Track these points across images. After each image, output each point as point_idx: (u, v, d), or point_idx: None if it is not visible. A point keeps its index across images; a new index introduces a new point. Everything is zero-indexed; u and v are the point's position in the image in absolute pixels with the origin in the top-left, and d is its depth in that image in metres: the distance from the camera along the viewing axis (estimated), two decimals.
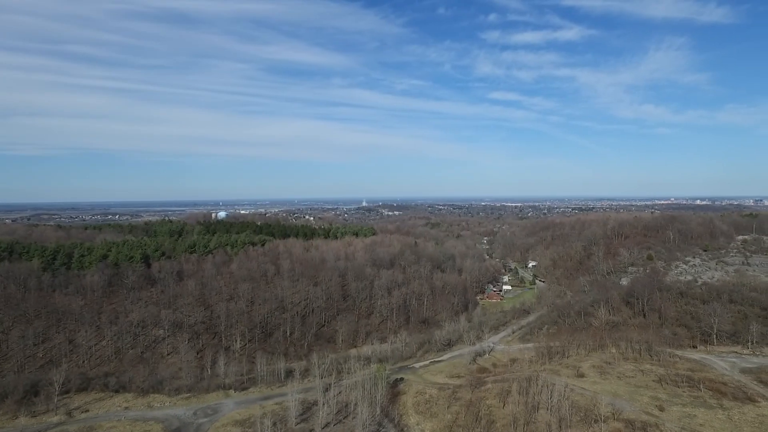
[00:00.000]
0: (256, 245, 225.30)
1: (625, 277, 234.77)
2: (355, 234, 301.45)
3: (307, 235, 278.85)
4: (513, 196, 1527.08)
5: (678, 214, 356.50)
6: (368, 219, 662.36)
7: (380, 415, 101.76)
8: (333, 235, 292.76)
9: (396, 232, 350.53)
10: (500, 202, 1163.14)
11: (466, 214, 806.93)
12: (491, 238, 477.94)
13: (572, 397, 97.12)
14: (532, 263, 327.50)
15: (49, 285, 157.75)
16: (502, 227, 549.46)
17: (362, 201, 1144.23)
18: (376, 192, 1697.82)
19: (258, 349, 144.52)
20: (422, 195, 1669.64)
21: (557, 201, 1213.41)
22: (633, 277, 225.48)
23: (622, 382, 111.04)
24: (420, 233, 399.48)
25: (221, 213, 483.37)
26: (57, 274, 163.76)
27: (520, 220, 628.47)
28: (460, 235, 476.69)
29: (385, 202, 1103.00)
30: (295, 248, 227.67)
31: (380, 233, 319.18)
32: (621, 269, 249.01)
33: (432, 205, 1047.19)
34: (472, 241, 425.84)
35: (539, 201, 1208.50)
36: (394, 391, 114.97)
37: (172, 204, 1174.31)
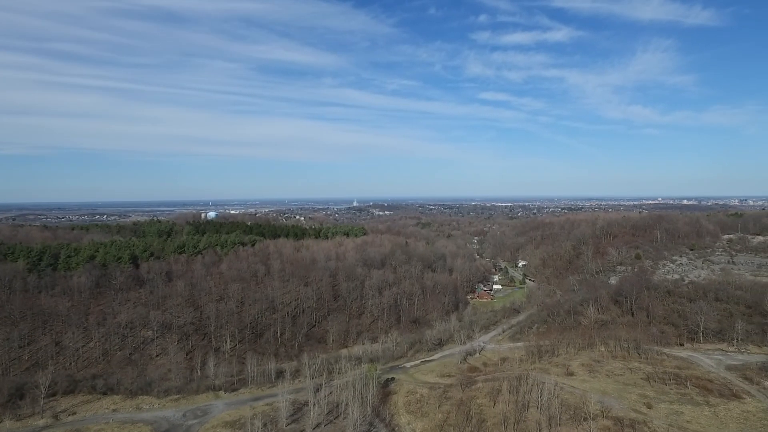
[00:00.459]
0: (246, 245, 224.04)
1: (614, 276, 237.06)
2: (346, 234, 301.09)
3: (298, 235, 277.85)
4: (503, 196, 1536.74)
5: (665, 214, 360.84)
6: (359, 219, 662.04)
7: (371, 415, 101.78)
8: (324, 235, 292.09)
9: (387, 232, 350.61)
10: (490, 202, 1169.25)
11: (456, 214, 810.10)
12: (482, 238, 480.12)
13: (562, 396, 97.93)
14: (522, 263, 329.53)
15: (35, 286, 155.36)
16: (492, 227, 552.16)
17: (353, 201, 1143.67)
18: (366, 192, 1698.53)
19: (248, 350, 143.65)
20: (413, 195, 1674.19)
21: (547, 201, 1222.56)
22: (621, 276, 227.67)
23: (610, 380, 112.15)
24: (411, 233, 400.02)
25: (211, 213, 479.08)
26: (43, 275, 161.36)
27: (510, 220, 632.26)
28: (450, 234, 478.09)
29: (376, 202, 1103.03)
30: (286, 248, 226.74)
31: (371, 233, 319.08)
32: (610, 268, 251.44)
33: (423, 205, 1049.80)
34: (462, 241, 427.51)
35: (529, 201, 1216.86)
36: (385, 391, 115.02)
37: (161, 204, 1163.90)
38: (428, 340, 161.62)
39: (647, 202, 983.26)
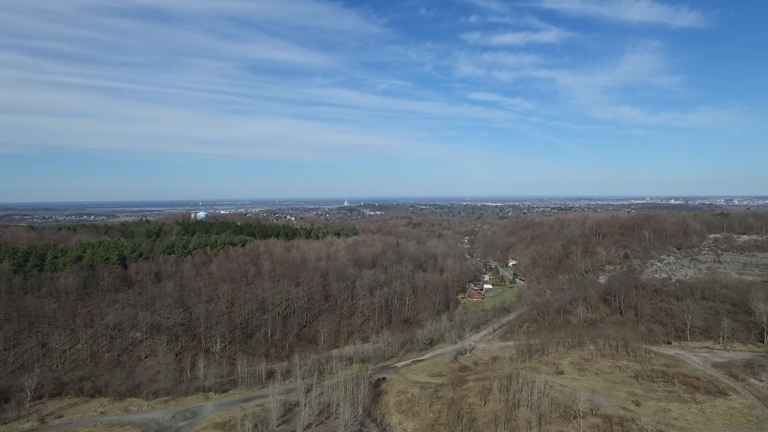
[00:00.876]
0: (237, 246, 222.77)
1: (603, 275, 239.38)
2: (337, 234, 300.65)
3: (289, 235, 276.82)
4: (493, 195, 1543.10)
5: (653, 214, 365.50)
6: (350, 219, 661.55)
7: (362, 415, 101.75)
8: (314, 235, 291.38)
9: (378, 232, 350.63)
10: (481, 202, 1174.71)
11: (447, 214, 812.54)
12: (472, 238, 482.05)
13: (551, 394, 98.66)
14: (512, 262, 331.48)
15: (21, 288, 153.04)
16: (483, 227, 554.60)
17: (344, 201, 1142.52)
18: (357, 192, 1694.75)
19: (238, 351, 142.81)
20: (404, 195, 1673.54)
21: (537, 201, 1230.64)
22: (610, 275, 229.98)
23: (599, 378, 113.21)
24: (402, 233, 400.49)
25: (200, 213, 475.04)
26: (29, 277, 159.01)
27: (500, 220, 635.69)
28: (441, 234, 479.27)
29: (367, 201, 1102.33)
30: (276, 248, 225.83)
31: (362, 233, 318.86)
32: (599, 267, 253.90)
33: (413, 204, 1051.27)
34: (453, 241, 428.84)
35: (519, 201, 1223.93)
36: (376, 390, 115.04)
37: (150, 204, 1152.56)
38: (419, 339, 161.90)
39: (635, 201, 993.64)
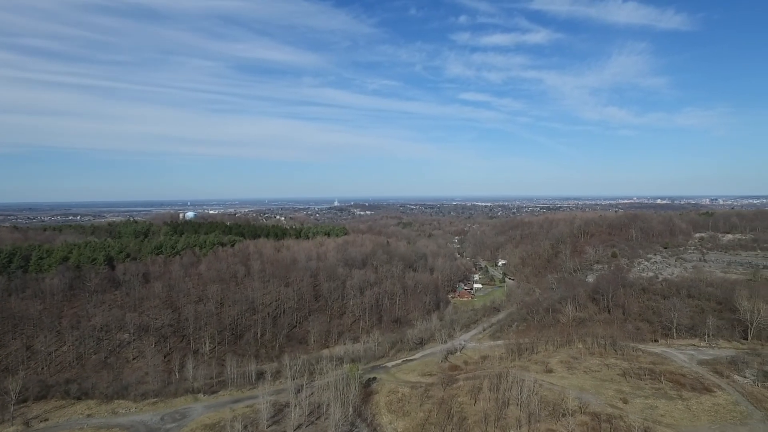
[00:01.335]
0: (226, 246, 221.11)
1: (591, 274, 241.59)
2: (327, 234, 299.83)
3: (278, 235, 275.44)
4: (483, 195, 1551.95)
5: (640, 213, 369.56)
6: (340, 219, 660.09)
7: (353, 415, 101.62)
8: (304, 235, 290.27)
9: (368, 232, 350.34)
10: (471, 202, 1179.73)
11: (437, 214, 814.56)
12: (462, 237, 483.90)
13: (541, 392, 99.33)
14: (502, 262, 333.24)
15: (5, 289, 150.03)
16: (472, 226, 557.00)
17: (334, 201, 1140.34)
18: (347, 192, 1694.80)
19: (228, 352, 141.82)
20: (394, 195, 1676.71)
21: (526, 200, 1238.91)
22: (598, 274, 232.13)
23: (588, 376, 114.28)
24: (392, 233, 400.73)
25: (189, 213, 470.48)
26: (13, 278, 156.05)
27: (490, 220, 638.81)
28: (431, 234, 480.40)
29: (357, 201, 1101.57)
30: (266, 249, 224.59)
31: (352, 233, 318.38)
32: (587, 267, 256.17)
33: (404, 204, 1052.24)
34: (443, 241, 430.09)
35: (509, 200, 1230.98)
36: (366, 390, 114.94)
37: (138, 204, 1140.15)
38: (409, 339, 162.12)
39: (623, 201, 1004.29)
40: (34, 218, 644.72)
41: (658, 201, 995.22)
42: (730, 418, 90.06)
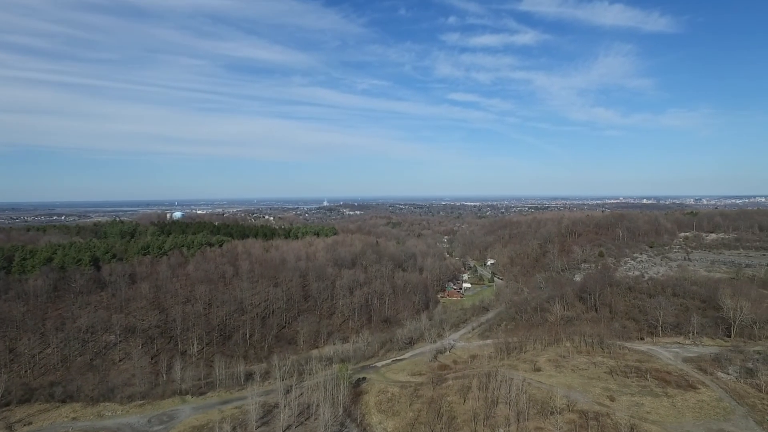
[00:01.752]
0: (214, 246, 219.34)
1: (579, 273, 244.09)
2: (316, 234, 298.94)
3: (267, 235, 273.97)
4: (472, 195, 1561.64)
5: (626, 213, 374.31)
6: (329, 219, 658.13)
7: (343, 415, 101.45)
8: (293, 235, 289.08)
9: (357, 232, 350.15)
10: (460, 202, 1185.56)
11: (426, 214, 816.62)
12: (451, 237, 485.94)
13: (529, 391, 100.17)
14: (490, 261, 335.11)
15: None
16: (461, 226, 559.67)
17: (323, 201, 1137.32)
18: (337, 192, 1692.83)
19: (216, 353, 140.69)
20: (383, 195, 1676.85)
21: (514, 200, 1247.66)
22: (586, 273, 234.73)
23: (576, 374, 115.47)
24: (381, 233, 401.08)
25: (176, 213, 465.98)
26: None
27: (479, 219, 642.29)
28: (421, 234, 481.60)
29: (347, 201, 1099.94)
30: (255, 249, 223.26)
31: (341, 233, 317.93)
32: (574, 266, 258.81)
33: (393, 204, 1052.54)
34: (432, 240, 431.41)
35: (497, 200, 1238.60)
36: (356, 390, 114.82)
37: (124, 204, 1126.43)
38: (399, 339, 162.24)
39: (610, 201, 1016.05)
40: (17, 218, 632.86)
41: (644, 201, 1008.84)
42: (714, 414, 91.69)
